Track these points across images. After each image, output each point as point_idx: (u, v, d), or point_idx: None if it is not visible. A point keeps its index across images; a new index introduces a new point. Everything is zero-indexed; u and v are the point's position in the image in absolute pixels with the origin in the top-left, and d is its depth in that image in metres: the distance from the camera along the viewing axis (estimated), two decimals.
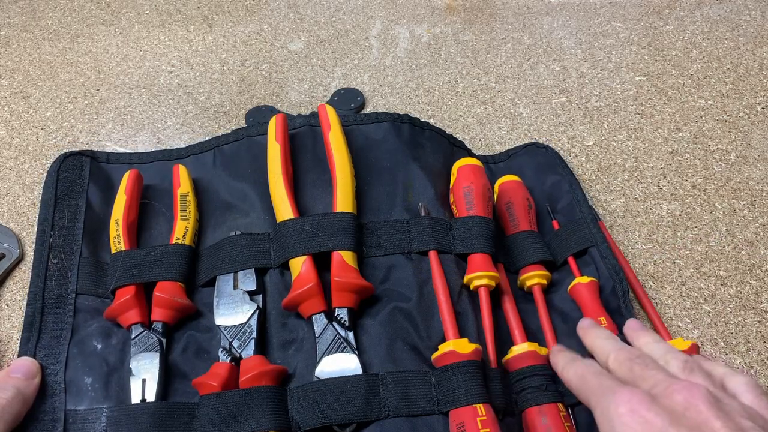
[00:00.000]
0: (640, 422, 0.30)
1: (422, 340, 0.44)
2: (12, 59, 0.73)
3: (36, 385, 0.42)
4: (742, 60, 0.73)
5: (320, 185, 0.51)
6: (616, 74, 0.71)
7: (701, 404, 0.30)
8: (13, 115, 0.66)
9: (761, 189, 0.59)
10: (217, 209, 0.52)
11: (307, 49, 0.74)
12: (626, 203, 0.58)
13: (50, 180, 0.52)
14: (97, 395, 0.43)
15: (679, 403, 0.31)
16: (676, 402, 0.31)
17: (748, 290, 0.52)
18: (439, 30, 0.77)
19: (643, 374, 0.34)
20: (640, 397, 0.31)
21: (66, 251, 0.49)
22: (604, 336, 0.40)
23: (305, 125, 0.54)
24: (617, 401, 0.32)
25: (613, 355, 0.37)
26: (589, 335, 0.41)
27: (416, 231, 0.48)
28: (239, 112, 0.67)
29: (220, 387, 0.41)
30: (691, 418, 0.30)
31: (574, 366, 0.38)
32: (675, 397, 0.31)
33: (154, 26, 0.78)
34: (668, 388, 0.32)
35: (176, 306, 0.45)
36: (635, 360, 0.36)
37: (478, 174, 0.51)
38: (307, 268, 0.44)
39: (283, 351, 0.44)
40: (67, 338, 0.45)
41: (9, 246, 0.54)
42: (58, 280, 0.47)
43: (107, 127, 0.65)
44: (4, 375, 0.41)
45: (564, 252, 0.51)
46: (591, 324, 0.43)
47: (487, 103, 0.68)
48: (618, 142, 0.64)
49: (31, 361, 0.43)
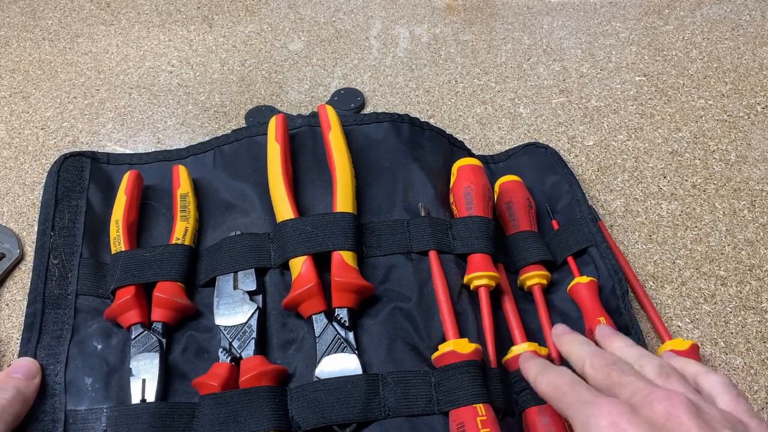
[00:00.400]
0: None
1: (422, 340, 0.44)
2: (12, 59, 0.73)
3: (36, 386, 0.42)
4: (742, 60, 0.73)
5: (320, 185, 0.51)
6: (616, 74, 0.71)
7: (682, 415, 0.30)
8: (13, 115, 0.66)
9: (761, 189, 0.59)
10: (217, 209, 0.52)
11: (307, 49, 0.74)
12: (626, 203, 0.58)
13: (50, 181, 0.52)
14: (98, 395, 0.43)
15: (660, 413, 0.30)
16: (656, 412, 0.31)
17: (748, 290, 0.52)
18: (439, 30, 0.77)
19: (621, 381, 0.34)
20: (620, 409, 0.31)
21: (66, 252, 0.49)
22: (579, 341, 0.40)
23: (305, 125, 0.54)
24: (597, 414, 0.31)
25: (589, 362, 0.36)
26: (563, 342, 0.41)
27: (416, 231, 0.48)
28: (239, 112, 0.67)
29: (220, 387, 0.41)
30: (672, 430, 0.30)
31: (548, 375, 0.37)
32: (655, 407, 0.31)
33: (154, 26, 0.78)
34: (648, 397, 0.31)
35: (176, 306, 0.45)
36: (612, 366, 0.35)
37: (478, 174, 0.51)
38: (307, 268, 0.44)
39: (283, 351, 0.44)
40: (68, 339, 0.45)
41: (9, 246, 0.54)
42: (59, 281, 0.47)
43: (107, 127, 0.65)
44: (4, 375, 0.41)
45: (564, 252, 0.51)
46: (565, 330, 0.42)
47: (487, 103, 0.68)
48: (618, 142, 0.64)
49: (32, 361, 0.43)
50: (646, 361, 0.36)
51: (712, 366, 0.48)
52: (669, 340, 0.46)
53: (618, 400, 0.32)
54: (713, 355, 0.48)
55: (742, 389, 0.47)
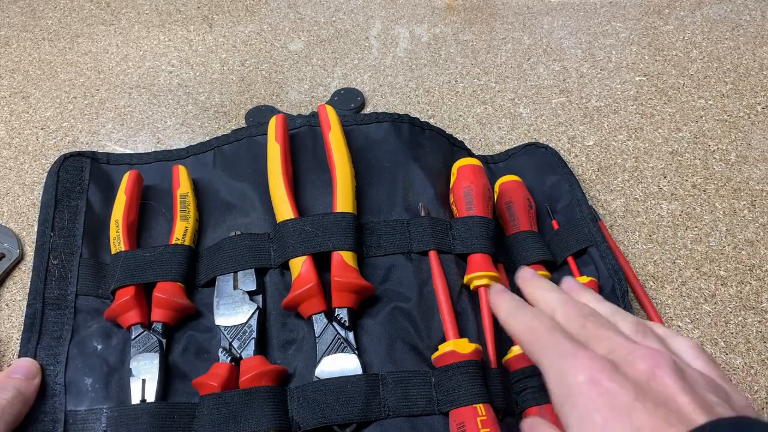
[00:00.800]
0: (601, 394, 0.27)
1: (422, 340, 0.44)
2: (12, 59, 0.73)
3: (36, 386, 0.42)
4: (742, 60, 0.73)
5: (320, 185, 0.51)
6: (616, 74, 0.71)
7: (666, 375, 0.28)
8: (13, 115, 0.66)
9: (761, 189, 0.59)
10: (217, 209, 0.52)
11: (307, 49, 0.74)
12: (626, 203, 0.58)
13: (50, 181, 0.52)
14: (98, 396, 0.43)
15: (643, 372, 0.28)
16: (639, 371, 0.28)
17: (749, 290, 0.52)
18: (439, 30, 0.77)
19: (598, 334, 0.31)
20: (602, 365, 0.28)
21: (66, 252, 0.49)
22: (548, 287, 0.36)
23: (305, 125, 0.54)
24: (576, 368, 0.29)
25: (562, 310, 0.33)
26: (529, 285, 0.37)
27: (416, 231, 0.48)
28: (239, 112, 0.67)
29: (220, 387, 0.41)
30: (656, 391, 0.27)
31: (523, 316, 0.34)
32: (638, 365, 0.29)
33: (154, 26, 0.78)
34: (630, 354, 0.29)
35: (176, 306, 0.45)
36: (588, 317, 0.32)
37: (478, 174, 0.51)
38: (308, 269, 0.44)
39: (283, 351, 0.44)
40: (68, 339, 0.45)
41: (9, 246, 0.54)
42: (59, 281, 0.47)
43: (107, 127, 0.65)
44: (4, 376, 0.41)
45: (563, 252, 0.51)
46: (533, 274, 0.38)
47: (487, 103, 0.68)
48: (618, 142, 0.64)
49: (32, 361, 0.43)
50: (621, 317, 0.33)
51: None
52: None
53: (599, 356, 0.29)
54: (713, 355, 0.48)
55: (742, 389, 0.47)
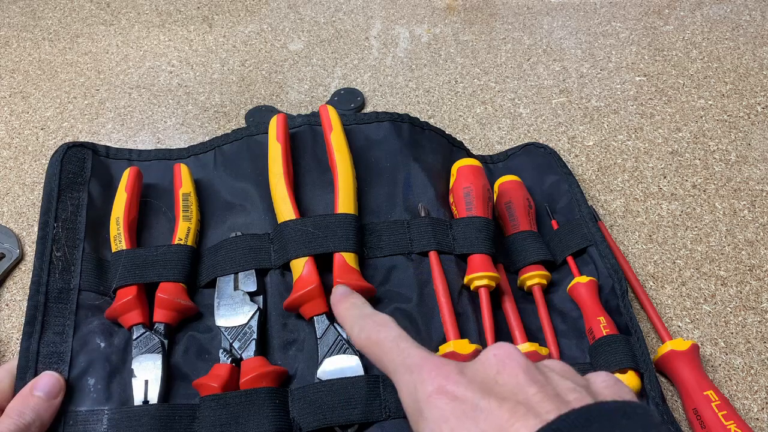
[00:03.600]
0: (449, 401, 0.27)
1: (423, 340, 0.44)
2: (12, 59, 0.73)
3: (56, 407, 0.40)
4: (742, 60, 0.73)
5: (321, 185, 0.51)
6: (616, 74, 0.71)
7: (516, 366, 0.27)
8: (13, 115, 0.66)
9: (761, 189, 0.60)
10: (217, 209, 0.51)
11: (307, 49, 0.74)
12: (626, 203, 0.58)
13: (53, 171, 0.50)
14: (99, 396, 0.42)
15: (492, 366, 0.28)
16: (488, 365, 0.28)
17: (748, 290, 0.52)
18: (439, 30, 0.77)
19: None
20: (447, 370, 0.28)
21: (69, 245, 0.47)
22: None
23: (305, 124, 0.54)
24: (424, 379, 0.28)
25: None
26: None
27: (416, 232, 0.48)
28: (239, 112, 0.67)
29: (220, 388, 0.41)
30: (503, 385, 0.27)
31: (368, 328, 0.33)
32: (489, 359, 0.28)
33: (154, 26, 0.78)
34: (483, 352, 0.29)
35: (179, 307, 0.45)
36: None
37: (477, 174, 0.51)
38: (309, 270, 0.44)
39: (283, 352, 0.44)
40: (70, 335, 0.44)
41: (9, 246, 0.53)
42: (62, 274, 0.46)
43: (107, 127, 0.65)
44: (27, 392, 0.39)
45: (563, 251, 0.51)
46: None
47: (487, 103, 0.68)
48: (618, 142, 0.64)
49: (57, 377, 0.41)
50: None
51: (711, 366, 0.48)
52: (669, 340, 0.46)
53: (445, 360, 0.29)
54: (713, 355, 0.49)
55: (742, 389, 0.47)
